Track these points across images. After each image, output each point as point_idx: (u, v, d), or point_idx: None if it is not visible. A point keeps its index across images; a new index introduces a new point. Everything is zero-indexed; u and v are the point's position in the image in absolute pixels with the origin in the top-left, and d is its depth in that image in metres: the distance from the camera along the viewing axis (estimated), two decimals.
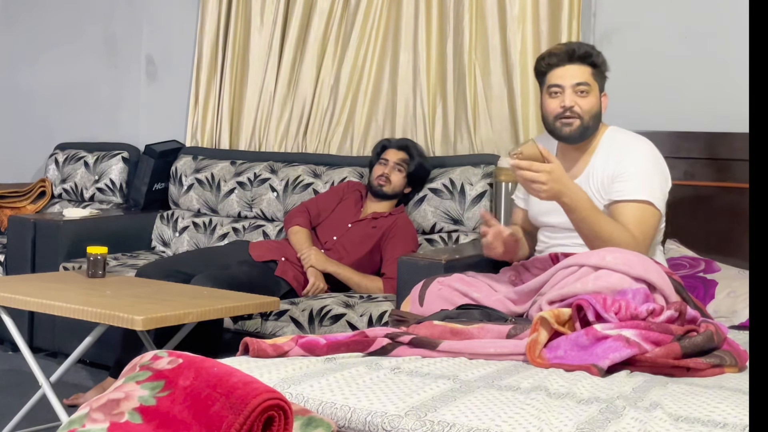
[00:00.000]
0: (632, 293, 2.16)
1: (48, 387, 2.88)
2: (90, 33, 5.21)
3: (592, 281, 2.24)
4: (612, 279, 2.23)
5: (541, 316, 2.08)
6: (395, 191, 3.71)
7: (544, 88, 2.66)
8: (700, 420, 1.61)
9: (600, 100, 2.64)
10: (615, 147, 2.64)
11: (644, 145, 2.64)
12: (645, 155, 2.61)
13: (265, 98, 4.49)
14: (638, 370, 1.98)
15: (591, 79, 2.61)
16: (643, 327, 2.03)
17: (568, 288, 2.26)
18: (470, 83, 3.88)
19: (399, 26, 4.10)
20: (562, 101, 2.60)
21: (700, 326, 2.11)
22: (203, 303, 2.83)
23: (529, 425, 1.57)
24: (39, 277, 3.58)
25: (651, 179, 2.57)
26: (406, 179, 3.73)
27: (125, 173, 4.78)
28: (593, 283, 2.23)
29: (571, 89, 2.60)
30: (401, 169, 3.71)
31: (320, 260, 3.51)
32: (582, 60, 2.61)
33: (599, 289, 2.17)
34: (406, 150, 3.74)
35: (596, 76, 2.63)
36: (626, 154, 2.59)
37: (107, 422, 1.54)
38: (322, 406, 1.70)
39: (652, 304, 2.12)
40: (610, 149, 2.64)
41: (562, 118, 2.61)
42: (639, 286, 2.21)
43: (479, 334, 2.16)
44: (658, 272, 2.29)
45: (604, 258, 2.29)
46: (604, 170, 2.61)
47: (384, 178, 3.68)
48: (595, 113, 2.62)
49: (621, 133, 2.69)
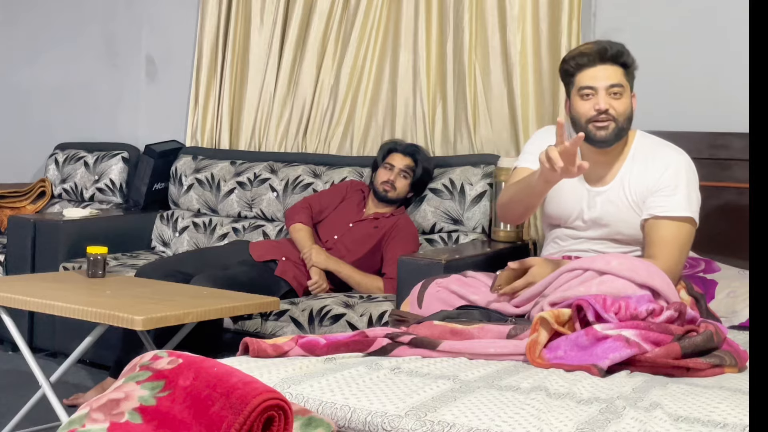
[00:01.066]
0: (635, 298, 2.16)
1: (48, 387, 2.88)
2: (90, 33, 5.21)
3: (596, 286, 2.23)
4: (616, 284, 2.23)
5: (541, 317, 2.08)
6: (399, 197, 3.72)
7: (574, 90, 2.54)
8: (700, 420, 1.61)
9: (631, 102, 2.55)
10: (652, 156, 2.56)
11: (683, 157, 2.57)
12: (687, 169, 2.54)
13: (265, 98, 4.49)
14: (638, 371, 1.98)
15: (624, 80, 2.52)
16: (643, 327, 2.03)
17: (572, 291, 2.26)
18: (470, 83, 3.88)
19: (399, 26, 4.10)
20: (596, 103, 2.49)
21: (699, 326, 2.11)
22: (203, 303, 2.83)
23: (529, 425, 1.57)
24: (39, 277, 3.58)
25: (691, 195, 2.52)
26: (410, 185, 3.73)
27: (125, 173, 4.77)
28: (597, 287, 2.22)
29: (605, 91, 2.49)
30: (406, 176, 3.70)
31: (321, 258, 3.52)
32: (614, 60, 2.51)
33: (603, 294, 2.17)
34: (412, 157, 3.72)
35: (627, 76, 2.54)
36: (668, 166, 2.52)
37: (107, 422, 1.54)
38: (322, 406, 1.70)
39: (652, 304, 2.12)
40: (647, 157, 2.56)
41: (595, 121, 2.51)
42: (643, 293, 2.21)
43: (479, 334, 2.16)
44: (662, 278, 2.29)
45: (609, 263, 2.28)
46: (644, 181, 2.53)
47: (389, 184, 3.68)
48: (628, 115, 2.54)
49: (651, 139, 2.62)
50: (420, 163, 3.72)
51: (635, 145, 2.61)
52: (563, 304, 2.20)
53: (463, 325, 2.20)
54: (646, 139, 2.63)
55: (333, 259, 3.54)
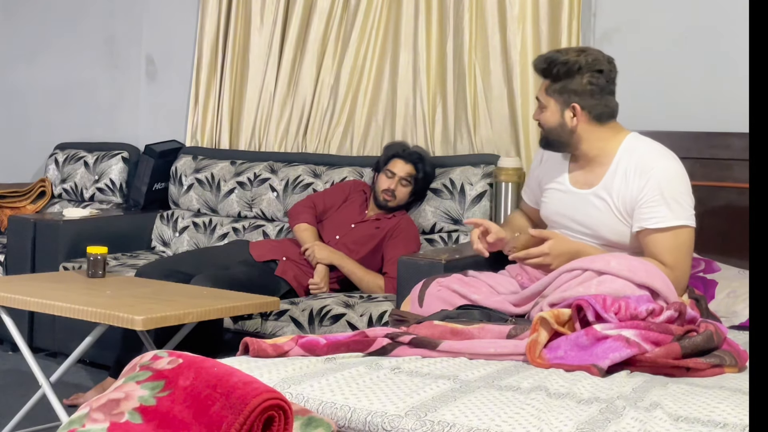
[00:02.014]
0: (635, 298, 2.16)
1: (48, 387, 2.88)
2: (90, 33, 5.21)
3: (595, 286, 2.23)
4: (615, 285, 2.23)
5: (540, 317, 2.08)
6: (399, 205, 3.71)
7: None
8: (700, 420, 1.61)
9: (563, 114, 2.55)
10: (634, 164, 2.53)
11: (668, 162, 2.52)
12: (672, 176, 2.49)
13: (265, 98, 4.49)
14: (638, 370, 1.98)
15: (543, 96, 2.57)
16: (643, 327, 2.03)
17: (570, 291, 2.26)
18: (470, 83, 3.88)
19: (399, 26, 4.10)
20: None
21: (699, 326, 2.11)
22: (203, 303, 2.83)
23: (529, 425, 1.57)
24: (39, 277, 3.58)
25: (682, 201, 2.48)
26: (411, 193, 3.72)
27: (125, 173, 4.77)
28: (596, 288, 2.22)
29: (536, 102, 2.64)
30: (407, 184, 3.70)
31: (324, 254, 3.52)
32: (541, 73, 2.58)
33: (603, 294, 2.17)
34: (414, 165, 3.71)
35: (553, 88, 2.55)
36: (651, 177, 2.48)
37: (107, 422, 1.54)
38: (322, 406, 1.70)
39: (652, 304, 2.13)
40: (629, 165, 2.53)
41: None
42: (642, 293, 2.21)
43: (479, 334, 2.16)
44: (661, 279, 2.29)
45: (609, 263, 2.28)
46: (626, 190, 2.52)
47: (389, 192, 3.67)
48: (554, 126, 2.57)
49: (641, 144, 2.58)
50: (421, 171, 3.71)
51: (622, 149, 2.57)
52: (563, 304, 2.20)
53: (463, 325, 2.20)
54: (637, 143, 2.58)
55: (337, 254, 3.54)
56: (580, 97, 2.53)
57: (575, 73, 2.52)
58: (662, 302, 2.22)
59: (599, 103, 2.55)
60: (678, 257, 2.46)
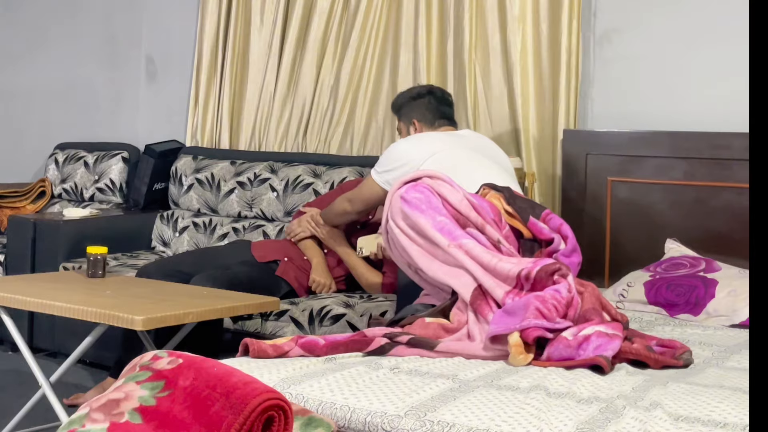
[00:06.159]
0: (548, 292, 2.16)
1: (48, 387, 2.88)
2: (90, 33, 5.21)
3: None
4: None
5: (512, 345, 2.04)
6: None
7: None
8: (700, 420, 1.61)
9: (409, 131, 3.31)
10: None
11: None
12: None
13: (265, 98, 4.49)
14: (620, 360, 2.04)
15: (399, 124, 3.38)
16: (607, 322, 2.12)
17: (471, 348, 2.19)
18: (470, 83, 3.88)
19: (399, 26, 4.10)
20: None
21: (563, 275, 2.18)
22: (203, 303, 2.83)
23: (528, 425, 1.57)
24: (39, 277, 3.58)
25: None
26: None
27: (125, 173, 4.77)
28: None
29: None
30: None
31: (324, 278, 3.52)
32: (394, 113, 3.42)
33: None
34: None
35: (401, 119, 3.35)
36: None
37: (107, 422, 1.54)
38: (322, 406, 1.70)
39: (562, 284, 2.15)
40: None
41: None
42: (506, 287, 2.22)
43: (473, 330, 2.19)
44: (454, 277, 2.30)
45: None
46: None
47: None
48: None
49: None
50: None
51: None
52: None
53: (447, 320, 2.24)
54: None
55: (341, 246, 3.51)
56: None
57: (400, 107, 3.39)
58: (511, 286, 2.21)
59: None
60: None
